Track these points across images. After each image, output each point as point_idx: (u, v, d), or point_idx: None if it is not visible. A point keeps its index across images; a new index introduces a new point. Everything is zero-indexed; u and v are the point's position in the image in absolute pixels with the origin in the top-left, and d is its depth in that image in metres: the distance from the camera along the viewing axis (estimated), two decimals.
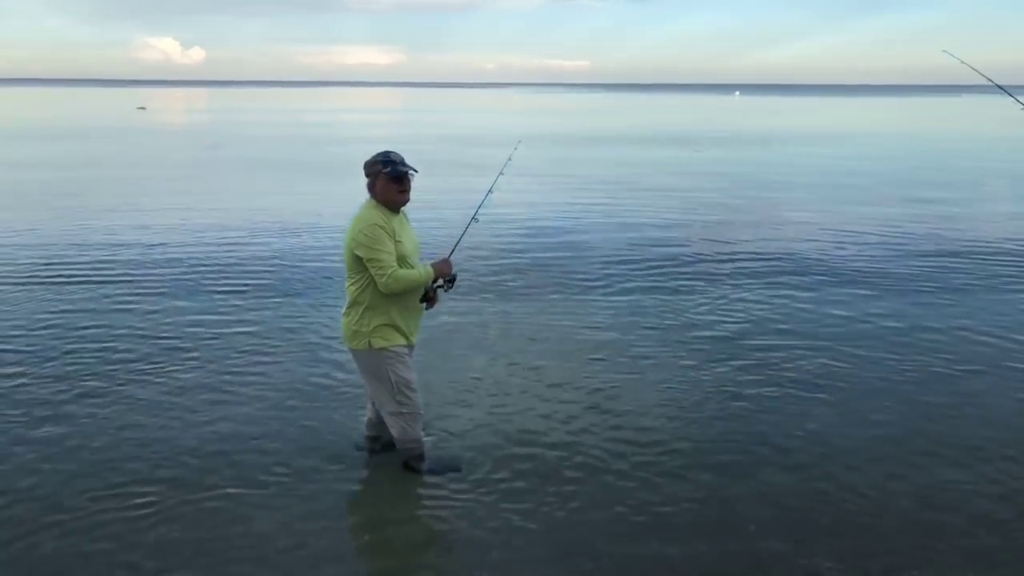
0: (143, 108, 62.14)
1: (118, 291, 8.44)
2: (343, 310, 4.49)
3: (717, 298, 8.36)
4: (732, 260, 10.21)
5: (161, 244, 10.92)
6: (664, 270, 9.62)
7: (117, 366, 6.21)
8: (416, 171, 4.41)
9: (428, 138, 32.95)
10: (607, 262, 10.04)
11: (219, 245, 10.95)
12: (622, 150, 28.02)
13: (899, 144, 31.59)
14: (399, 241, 4.32)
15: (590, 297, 8.47)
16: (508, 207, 14.12)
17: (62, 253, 10.24)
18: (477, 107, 74.17)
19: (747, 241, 11.44)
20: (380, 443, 4.81)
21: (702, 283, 9.01)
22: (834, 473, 4.68)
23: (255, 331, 7.14)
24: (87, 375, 6.02)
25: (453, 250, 4.85)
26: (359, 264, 4.29)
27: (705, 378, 6.11)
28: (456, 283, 4.68)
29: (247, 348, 6.66)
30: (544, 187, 17.15)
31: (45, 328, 7.12)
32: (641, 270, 9.62)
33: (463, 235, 5.09)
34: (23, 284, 8.66)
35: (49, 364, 6.23)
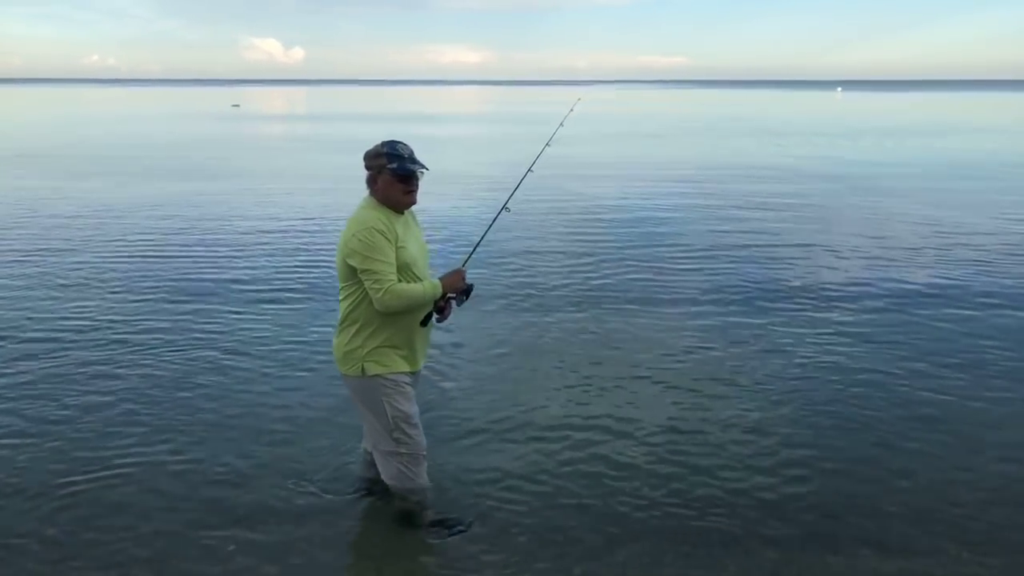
0: (237, 105, 64.23)
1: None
2: (336, 328, 3.79)
3: (816, 321, 7.30)
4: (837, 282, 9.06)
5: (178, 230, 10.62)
6: (753, 281, 8.60)
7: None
8: (427, 169, 3.66)
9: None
10: (676, 269, 9.07)
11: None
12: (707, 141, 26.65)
13: None
14: (402, 246, 3.59)
15: (649, 310, 7.53)
16: (559, 202, 13.35)
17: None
18: (567, 102, 72.66)
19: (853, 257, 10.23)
20: (379, 485, 4.08)
21: (803, 304, 7.94)
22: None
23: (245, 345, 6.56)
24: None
25: (470, 256, 4.10)
26: (353, 275, 3.58)
27: (792, 422, 5.12)
28: (472, 294, 3.89)
29: (233, 363, 6.04)
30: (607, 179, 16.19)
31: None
32: (718, 280, 8.62)
33: (488, 229, 4.31)
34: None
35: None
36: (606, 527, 3.87)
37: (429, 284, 3.66)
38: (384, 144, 3.62)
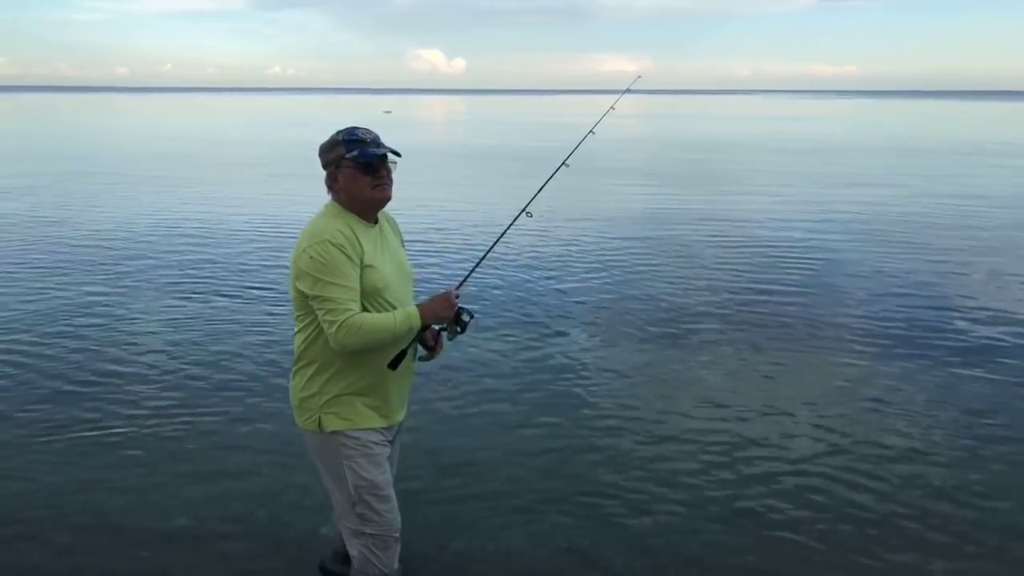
0: (388, 112, 66.43)
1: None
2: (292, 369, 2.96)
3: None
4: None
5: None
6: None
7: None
8: (399, 155, 2.76)
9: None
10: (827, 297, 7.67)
11: None
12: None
13: None
14: (369, 266, 2.70)
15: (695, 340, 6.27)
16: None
17: None
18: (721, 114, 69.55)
19: None
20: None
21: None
22: None
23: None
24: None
25: (468, 276, 3.11)
26: (307, 303, 2.74)
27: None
28: (471, 324, 2.92)
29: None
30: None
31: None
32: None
33: (498, 241, 3.30)
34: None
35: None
36: None
37: (402, 314, 2.74)
38: (339, 132, 2.78)
